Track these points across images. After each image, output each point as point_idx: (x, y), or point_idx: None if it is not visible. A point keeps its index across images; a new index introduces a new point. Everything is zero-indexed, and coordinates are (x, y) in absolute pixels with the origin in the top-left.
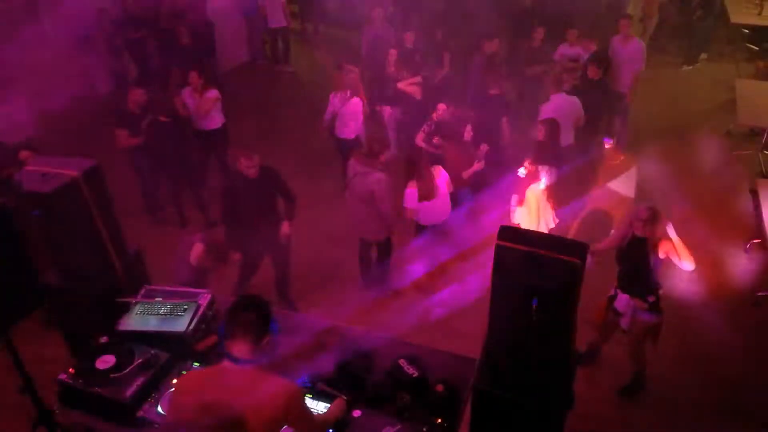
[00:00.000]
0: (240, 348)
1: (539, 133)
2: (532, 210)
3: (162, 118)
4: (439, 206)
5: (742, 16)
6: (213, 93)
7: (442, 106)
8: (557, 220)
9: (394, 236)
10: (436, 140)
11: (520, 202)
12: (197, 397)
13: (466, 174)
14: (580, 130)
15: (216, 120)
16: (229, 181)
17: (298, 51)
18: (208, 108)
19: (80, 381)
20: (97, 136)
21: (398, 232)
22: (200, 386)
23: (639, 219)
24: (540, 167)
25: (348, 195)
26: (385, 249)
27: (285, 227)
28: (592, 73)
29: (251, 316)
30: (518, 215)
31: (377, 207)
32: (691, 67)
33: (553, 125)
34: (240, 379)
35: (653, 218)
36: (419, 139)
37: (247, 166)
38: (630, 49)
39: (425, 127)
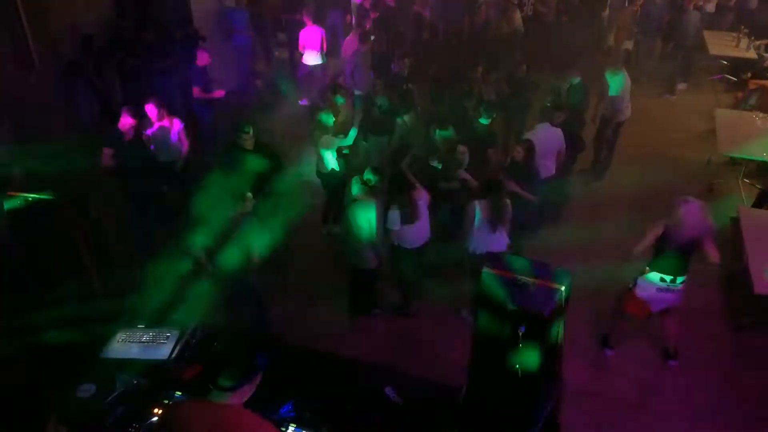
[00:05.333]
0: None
1: (517, 153)
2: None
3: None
4: (421, 229)
5: (721, 48)
6: (177, 124)
7: None
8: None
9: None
10: None
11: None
12: None
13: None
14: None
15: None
16: None
17: None
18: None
19: (59, 408)
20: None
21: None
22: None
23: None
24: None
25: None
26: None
27: None
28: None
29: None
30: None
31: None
32: (674, 96)
33: (530, 146)
34: (229, 419)
35: None
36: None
37: None
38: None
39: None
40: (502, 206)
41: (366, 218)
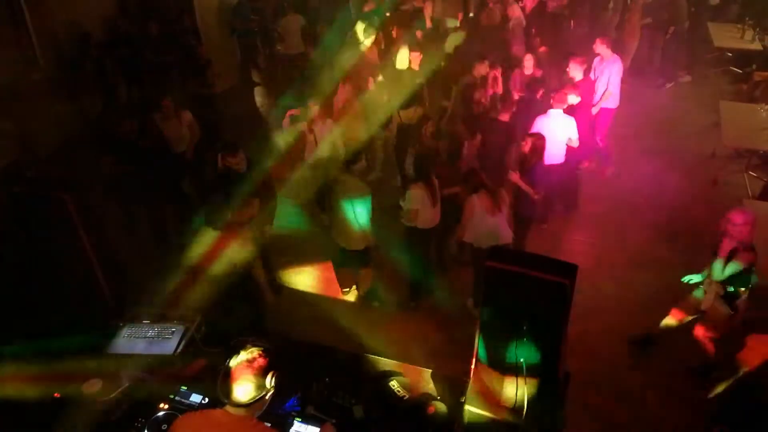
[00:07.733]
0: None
1: (525, 145)
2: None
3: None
4: (436, 212)
5: (725, 40)
6: (187, 116)
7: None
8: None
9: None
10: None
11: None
12: None
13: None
14: None
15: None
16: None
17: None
18: (183, 132)
19: (65, 405)
20: (86, 159)
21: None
22: None
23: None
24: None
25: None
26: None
27: None
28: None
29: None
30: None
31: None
32: (672, 84)
33: (539, 140)
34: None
35: None
36: None
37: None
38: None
39: None
40: (497, 196)
41: (351, 202)
